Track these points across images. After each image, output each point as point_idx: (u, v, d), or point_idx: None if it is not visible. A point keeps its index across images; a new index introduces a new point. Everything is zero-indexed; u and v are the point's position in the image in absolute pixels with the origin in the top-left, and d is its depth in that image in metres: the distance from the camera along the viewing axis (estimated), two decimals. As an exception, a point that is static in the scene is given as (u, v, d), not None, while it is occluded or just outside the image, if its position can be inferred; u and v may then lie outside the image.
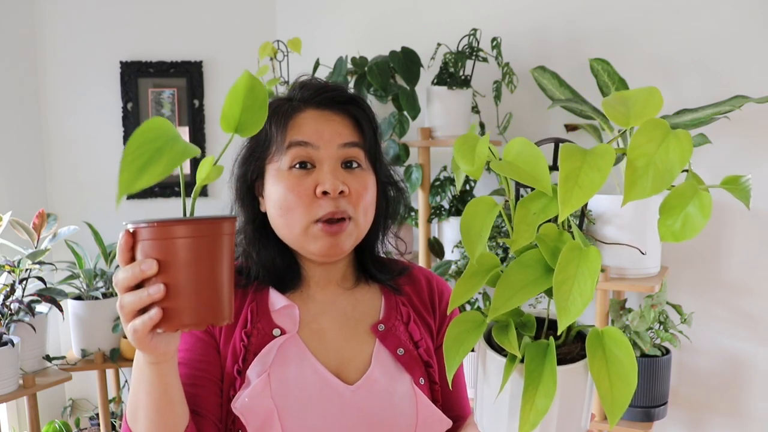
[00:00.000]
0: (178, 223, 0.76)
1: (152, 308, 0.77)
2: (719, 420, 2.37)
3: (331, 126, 1.11)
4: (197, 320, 0.78)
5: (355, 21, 2.91)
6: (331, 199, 1.07)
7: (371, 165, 1.16)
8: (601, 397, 0.71)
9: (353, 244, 1.13)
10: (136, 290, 0.78)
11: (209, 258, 0.78)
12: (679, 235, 0.64)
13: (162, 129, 0.71)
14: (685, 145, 0.62)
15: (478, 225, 0.76)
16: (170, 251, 0.76)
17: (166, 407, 0.92)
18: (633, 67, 2.34)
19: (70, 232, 2.72)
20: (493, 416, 0.82)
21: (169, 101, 3.02)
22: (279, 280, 1.16)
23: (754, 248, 2.26)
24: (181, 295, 0.77)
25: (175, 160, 0.69)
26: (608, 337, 0.75)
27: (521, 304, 0.74)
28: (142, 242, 0.78)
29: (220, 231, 0.79)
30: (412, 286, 1.25)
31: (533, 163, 0.72)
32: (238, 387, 1.08)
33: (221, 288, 0.79)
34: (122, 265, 0.80)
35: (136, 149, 0.68)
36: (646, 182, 0.62)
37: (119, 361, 2.78)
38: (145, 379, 0.90)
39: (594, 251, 0.69)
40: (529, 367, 0.73)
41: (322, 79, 1.21)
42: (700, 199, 0.64)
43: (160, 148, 0.69)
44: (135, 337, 0.80)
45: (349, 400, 1.08)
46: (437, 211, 2.55)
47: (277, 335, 1.11)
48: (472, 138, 0.78)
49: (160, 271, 0.76)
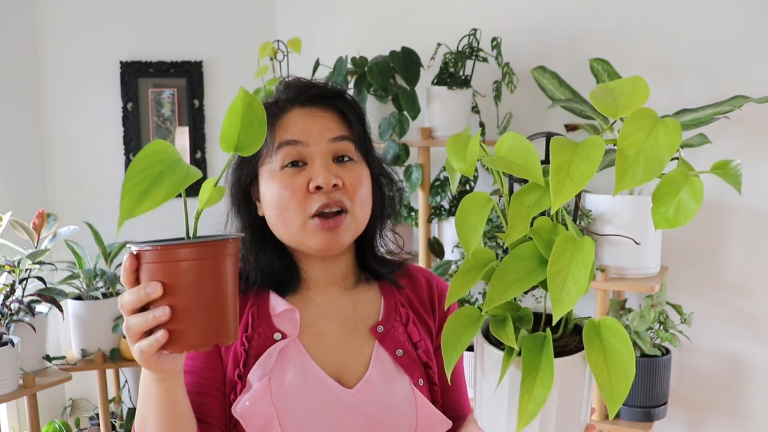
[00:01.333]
0: (182, 247, 0.76)
1: (158, 330, 0.78)
2: (719, 420, 2.36)
3: (318, 122, 1.11)
4: (203, 341, 0.79)
5: (355, 21, 2.91)
6: (324, 193, 1.08)
7: (363, 157, 1.16)
8: (600, 387, 0.72)
9: (352, 237, 1.13)
10: (142, 312, 0.79)
11: (214, 279, 0.78)
12: (672, 222, 0.64)
13: (164, 152, 0.72)
14: (673, 133, 0.62)
15: (472, 220, 0.76)
16: (175, 274, 0.77)
17: (174, 422, 0.94)
18: (633, 67, 2.34)
19: (70, 232, 2.72)
20: (492, 411, 0.82)
21: (169, 101, 3.02)
22: (278, 283, 1.16)
23: (754, 248, 2.26)
24: (187, 317, 0.77)
25: (177, 185, 0.70)
26: (605, 328, 0.75)
27: (516, 296, 0.74)
28: (146, 265, 0.78)
29: (225, 252, 0.79)
30: (412, 287, 1.25)
31: (524, 156, 0.73)
32: (239, 391, 1.08)
33: (226, 308, 0.80)
34: (127, 286, 0.80)
35: (138, 173, 0.69)
36: (636, 171, 0.63)
37: (119, 361, 2.78)
38: (152, 396, 0.91)
39: (588, 241, 0.70)
40: (527, 359, 0.74)
41: (305, 77, 1.22)
42: (692, 185, 0.65)
43: (162, 172, 0.70)
44: (142, 357, 0.81)
45: (349, 403, 1.08)
46: (437, 211, 2.55)
47: (278, 339, 1.11)
48: (464, 137, 0.79)
49: (166, 294, 0.77)
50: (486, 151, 0.78)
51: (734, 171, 0.67)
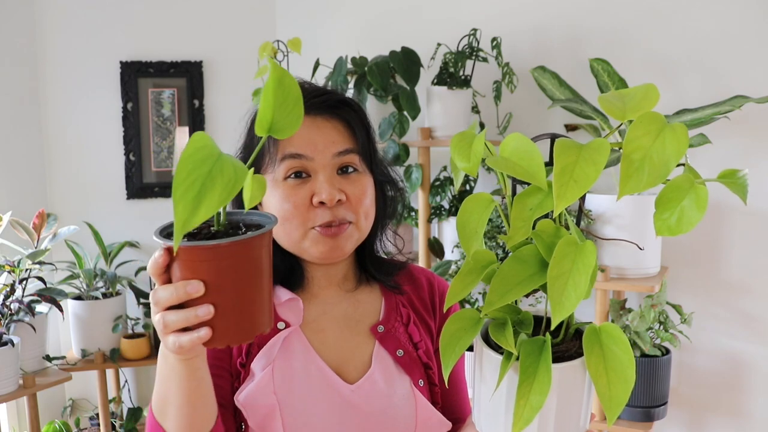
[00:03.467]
0: (223, 245, 0.72)
1: (201, 327, 0.75)
2: (719, 420, 2.36)
3: (323, 134, 1.09)
4: (244, 335, 0.77)
5: (355, 21, 2.91)
6: (327, 209, 1.07)
7: (367, 166, 1.15)
8: (599, 394, 0.71)
9: (354, 246, 1.13)
10: (181, 309, 0.75)
11: (254, 274, 0.75)
12: (674, 229, 0.63)
13: (206, 148, 0.65)
14: (681, 139, 0.61)
15: (474, 221, 0.75)
16: (215, 272, 0.73)
17: (199, 400, 0.91)
18: (633, 67, 2.34)
19: (70, 232, 2.72)
20: (490, 415, 0.82)
21: (169, 101, 3.02)
22: (281, 281, 1.16)
23: (754, 248, 2.26)
24: (228, 314, 0.75)
25: (230, 187, 0.64)
26: (605, 334, 0.74)
27: (517, 299, 0.73)
28: (182, 261, 0.74)
29: (262, 244, 0.76)
30: (413, 287, 1.25)
31: (528, 158, 0.72)
32: (242, 380, 1.09)
33: (264, 299, 0.77)
34: (158, 282, 0.77)
35: (187, 177, 0.63)
36: (641, 176, 0.62)
37: (119, 361, 2.78)
38: (176, 375, 0.87)
39: (590, 246, 0.69)
40: (525, 364, 0.73)
41: (310, 82, 1.19)
42: (696, 193, 0.63)
43: (210, 171, 0.64)
44: (179, 351, 0.77)
45: (349, 398, 1.08)
46: (437, 211, 2.55)
47: (282, 329, 1.11)
48: (469, 135, 0.78)
49: (206, 291, 0.73)
50: (491, 150, 0.77)
51: (741, 181, 0.66)
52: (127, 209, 3.05)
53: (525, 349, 0.74)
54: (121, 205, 3.05)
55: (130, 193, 3.05)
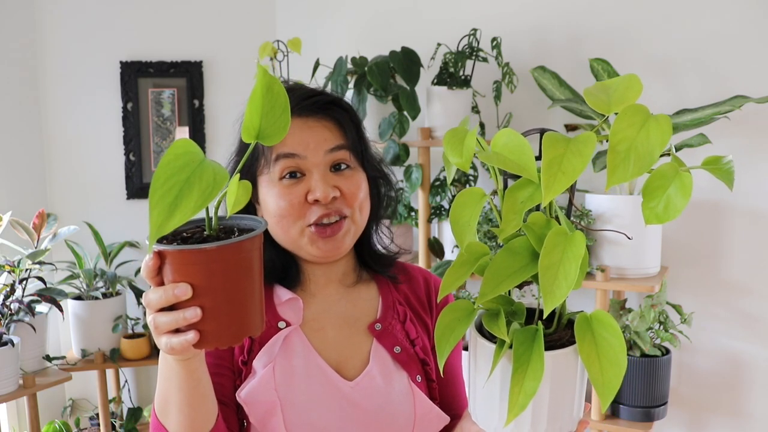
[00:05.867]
0: (210, 249, 0.73)
1: (189, 330, 0.76)
2: (719, 420, 2.36)
3: (315, 133, 1.12)
4: (233, 338, 0.78)
5: (355, 21, 2.91)
6: (323, 205, 1.10)
7: (359, 163, 1.18)
8: (593, 379, 0.72)
9: (352, 241, 1.16)
10: (171, 311, 0.77)
11: (243, 277, 0.76)
12: (662, 217, 0.65)
13: (187, 155, 0.66)
14: (664, 129, 0.63)
15: (467, 215, 0.77)
16: (203, 275, 0.74)
17: (198, 400, 0.94)
18: (633, 67, 2.34)
19: (70, 232, 2.73)
20: (485, 404, 0.83)
21: (169, 101, 3.02)
22: (279, 280, 1.19)
23: (754, 248, 2.26)
24: (217, 317, 0.76)
25: (207, 194, 0.65)
26: (596, 321, 0.75)
27: (509, 289, 0.75)
28: (172, 265, 0.75)
29: (252, 247, 0.77)
30: (409, 285, 1.27)
31: (519, 152, 0.73)
32: (244, 377, 1.11)
33: (254, 302, 0.78)
34: (152, 285, 0.79)
35: (164, 183, 0.64)
36: (628, 165, 0.63)
37: (119, 361, 2.79)
38: (175, 376, 0.90)
39: (579, 236, 0.70)
40: (518, 352, 0.74)
41: (301, 84, 1.23)
42: (681, 180, 0.65)
43: (189, 179, 0.65)
44: (172, 352, 0.79)
45: (349, 395, 1.11)
46: (437, 211, 2.55)
47: (282, 328, 1.14)
48: (461, 131, 0.79)
49: (195, 294, 0.74)
50: (483, 146, 0.78)
51: (726, 167, 0.67)
52: (127, 209, 3.05)
53: (518, 338, 0.75)
54: (121, 205, 3.05)
55: (130, 193, 3.05)
